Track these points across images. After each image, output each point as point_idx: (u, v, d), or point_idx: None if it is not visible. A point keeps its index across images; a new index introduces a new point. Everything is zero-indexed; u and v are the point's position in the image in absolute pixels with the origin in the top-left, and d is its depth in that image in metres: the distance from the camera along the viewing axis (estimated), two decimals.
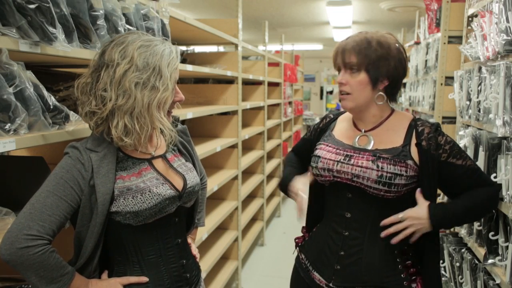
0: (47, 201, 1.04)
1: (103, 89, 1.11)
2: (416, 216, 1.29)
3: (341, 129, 1.48)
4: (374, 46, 1.31)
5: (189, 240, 1.41)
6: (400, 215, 1.30)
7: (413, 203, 1.32)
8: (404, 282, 1.34)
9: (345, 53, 1.34)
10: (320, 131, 1.53)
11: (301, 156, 1.62)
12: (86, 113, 1.15)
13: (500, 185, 1.51)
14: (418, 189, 1.31)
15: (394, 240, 1.31)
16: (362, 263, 1.34)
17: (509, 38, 1.56)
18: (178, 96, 1.24)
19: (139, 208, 1.14)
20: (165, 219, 1.23)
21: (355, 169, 1.31)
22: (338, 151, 1.38)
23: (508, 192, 1.50)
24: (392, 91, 1.38)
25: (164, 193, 1.19)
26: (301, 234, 1.60)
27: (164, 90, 1.14)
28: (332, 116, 1.55)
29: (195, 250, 1.41)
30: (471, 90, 1.96)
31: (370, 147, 1.35)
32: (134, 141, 1.15)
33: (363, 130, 1.41)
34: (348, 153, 1.35)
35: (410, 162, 1.29)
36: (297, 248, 1.57)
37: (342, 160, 1.34)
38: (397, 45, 1.34)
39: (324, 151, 1.41)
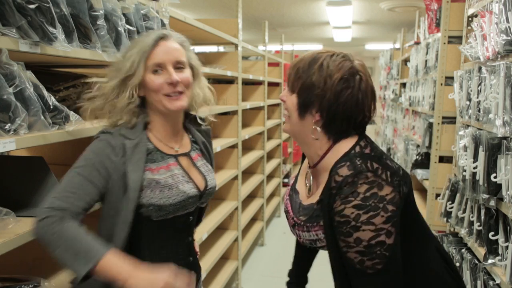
0: (74, 180, 1.09)
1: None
2: None
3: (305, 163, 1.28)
4: (313, 69, 1.06)
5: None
6: None
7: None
8: None
9: (290, 68, 1.15)
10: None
11: None
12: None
13: None
14: None
15: None
16: None
17: (509, 38, 1.56)
18: (170, 78, 1.17)
19: (164, 202, 1.16)
20: (183, 217, 1.25)
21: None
22: (287, 208, 1.24)
23: (508, 192, 1.50)
24: (329, 128, 1.08)
25: (189, 191, 1.22)
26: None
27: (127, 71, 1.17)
28: None
29: (197, 247, 1.45)
30: (471, 90, 1.96)
31: (310, 193, 1.18)
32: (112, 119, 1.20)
33: (309, 165, 1.20)
34: (289, 212, 1.22)
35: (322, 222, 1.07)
36: None
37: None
38: (338, 75, 1.04)
39: (287, 208, 1.25)
